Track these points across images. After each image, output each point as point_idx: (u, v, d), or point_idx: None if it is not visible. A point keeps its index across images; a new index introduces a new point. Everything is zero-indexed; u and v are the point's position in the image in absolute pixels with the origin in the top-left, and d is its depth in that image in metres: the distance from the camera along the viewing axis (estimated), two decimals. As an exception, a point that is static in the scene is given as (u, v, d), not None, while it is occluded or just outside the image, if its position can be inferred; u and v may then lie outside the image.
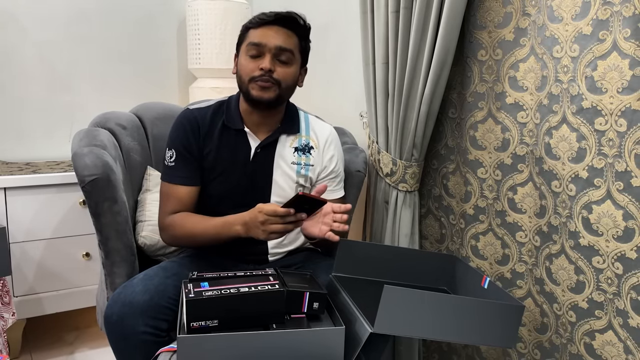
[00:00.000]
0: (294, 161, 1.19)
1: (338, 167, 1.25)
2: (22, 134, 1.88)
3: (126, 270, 1.22)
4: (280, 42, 1.10)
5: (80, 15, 1.92)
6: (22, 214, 1.57)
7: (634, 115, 0.92)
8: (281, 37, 1.10)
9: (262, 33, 1.10)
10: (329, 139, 1.24)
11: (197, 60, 1.95)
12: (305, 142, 1.21)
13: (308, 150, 1.21)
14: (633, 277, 0.95)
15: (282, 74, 1.11)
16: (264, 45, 1.09)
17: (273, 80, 1.10)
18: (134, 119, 1.48)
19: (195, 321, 0.87)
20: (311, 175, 1.21)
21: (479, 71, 1.20)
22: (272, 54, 1.10)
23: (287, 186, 1.19)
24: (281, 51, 1.10)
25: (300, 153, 1.20)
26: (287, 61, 1.12)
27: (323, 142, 1.23)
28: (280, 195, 1.19)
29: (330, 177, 1.24)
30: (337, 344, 0.91)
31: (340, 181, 1.27)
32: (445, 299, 0.99)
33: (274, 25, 1.10)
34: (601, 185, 0.98)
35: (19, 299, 1.59)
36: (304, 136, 1.22)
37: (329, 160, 1.23)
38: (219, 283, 0.94)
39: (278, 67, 1.11)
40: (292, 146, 1.20)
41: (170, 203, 1.16)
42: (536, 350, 1.17)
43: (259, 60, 1.10)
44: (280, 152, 1.19)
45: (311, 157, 1.21)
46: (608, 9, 0.94)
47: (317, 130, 1.24)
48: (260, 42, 1.09)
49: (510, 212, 1.18)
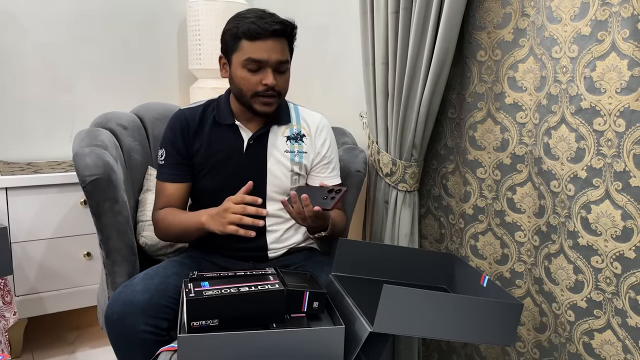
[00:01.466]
0: (287, 149, 1.21)
1: (330, 152, 1.27)
2: (24, 134, 1.88)
3: (127, 269, 1.22)
4: (280, 55, 1.11)
5: (82, 16, 1.92)
6: (24, 214, 1.58)
7: (632, 115, 0.92)
8: (279, 49, 1.11)
9: (260, 47, 1.09)
10: (320, 126, 1.26)
11: (197, 60, 1.95)
12: (297, 131, 1.24)
13: (300, 138, 1.23)
14: (632, 277, 0.95)
15: (282, 84, 1.14)
16: (266, 62, 1.10)
17: (276, 93, 1.13)
18: (134, 119, 1.49)
19: (195, 321, 0.88)
20: (305, 163, 1.23)
21: (478, 71, 1.21)
22: (273, 68, 1.11)
23: (282, 174, 1.20)
24: (280, 63, 1.12)
25: (292, 141, 1.22)
26: (284, 70, 1.14)
27: (314, 129, 1.25)
28: (276, 184, 1.20)
29: (323, 164, 1.26)
30: (337, 343, 0.91)
31: (335, 168, 1.28)
32: (445, 297, 1.00)
33: (270, 39, 1.10)
34: (600, 185, 0.98)
35: (21, 298, 1.60)
36: (295, 125, 1.24)
37: (321, 146, 1.25)
38: (219, 282, 0.95)
39: (278, 78, 1.13)
40: (284, 135, 1.22)
41: (160, 200, 1.20)
42: (535, 350, 1.17)
43: (259, 74, 1.11)
44: (272, 142, 1.21)
45: (304, 145, 1.23)
46: (607, 9, 0.94)
47: (308, 118, 1.26)
48: (261, 58, 1.09)
49: (510, 212, 1.19)
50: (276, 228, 1.22)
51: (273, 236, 1.22)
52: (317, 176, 1.26)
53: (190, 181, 1.20)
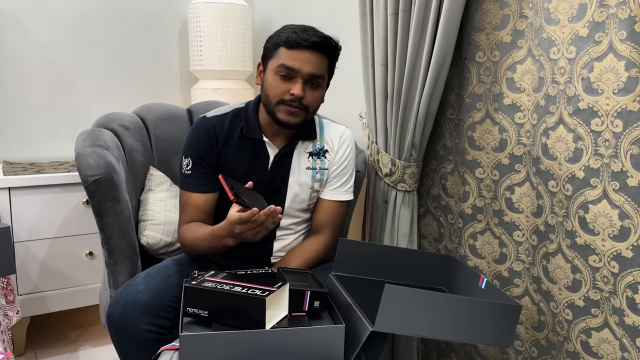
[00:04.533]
0: (308, 166, 1.20)
1: (345, 166, 1.23)
2: (26, 134, 1.90)
3: (129, 269, 1.23)
4: (314, 69, 1.09)
5: (84, 18, 1.93)
6: (26, 214, 1.59)
7: (629, 116, 0.93)
8: (314, 63, 1.09)
9: (295, 56, 1.08)
10: (342, 139, 1.24)
11: (198, 61, 1.96)
12: (320, 147, 1.22)
13: (323, 154, 1.22)
14: (629, 276, 0.96)
15: (311, 99, 1.11)
16: (298, 71, 1.08)
17: (302, 106, 1.10)
18: (136, 119, 1.49)
19: (190, 307, 0.92)
20: (325, 178, 1.22)
21: (476, 73, 1.22)
22: (304, 80, 1.09)
23: (302, 191, 1.20)
24: (313, 77, 1.10)
25: (315, 157, 1.21)
26: (317, 86, 1.12)
27: (337, 144, 1.23)
28: (295, 200, 1.20)
29: (334, 174, 1.23)
30: (338, 341, 0.91)
31: (344, 184, 1.24)
32: (445, 298, 1.00)
33: (307, 51, 1.08)
34: (597, 185, 0.99)
35: (23, 297, 1.61)
36: (318, 141, 1.22)
37: (339, 159, 1.23)
38: (226, 277, 0.98)
39: (308, 92, 1.10)
40: (307, 151, 1.21)
41: (187, 212, 1.16)
42: (533, 348, 1.18)
43: (289, 83, 1.09)
44: (297, 158, 1.20)
45: (326, 161, 1.22)
46: (604, 11, 0.95)
47: (332, 133, 1.24)
48: (294, 67, 1.08)
49: (508, 212, 1.19)
50: (285, 238, 1.23)
51: (280, 244, 1.23)
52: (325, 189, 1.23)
53: (218, 191, 1.17)
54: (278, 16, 2.07)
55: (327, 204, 1.23)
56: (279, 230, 1.22)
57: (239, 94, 1.98)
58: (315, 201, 1.24)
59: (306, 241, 1.23)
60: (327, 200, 1.23)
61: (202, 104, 1.64)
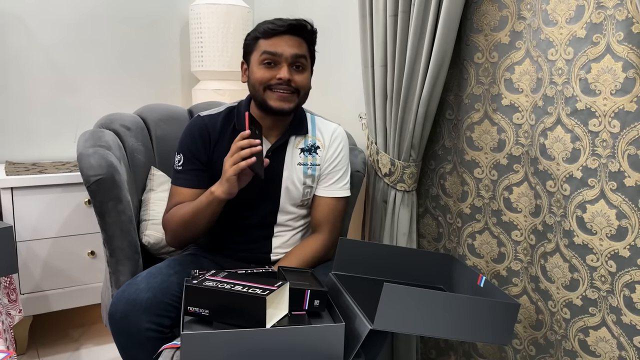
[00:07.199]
0: (300, 162, 1.21)
1: (339, 163, 1.24)
2: (29, 134, 1.91)
3: (130, 268, 1.24)
4: (296, 49, 1.11)
5: (86, 19, 1.94)
6: (29, 213, 1.60)
7: (627, 116, 0.94)
8: (295, 44, 1.12)
9: (275, 42, 1.11)
10: (334, 135, 1.25)
11: (199, 62, 1.97)
12: (312, 143, 1.23)
13: (314, 150, 1.23)
14: (626, 275, 0.97)
15: (299, 81, 1.13)
16: (280, 55, 1.10)
17: (292, 88, 1.12)
18: (138, 120, 1.50)
19: (191, 306, 0.92)
20: (317, 174, 1.23)
21: (475, 73, 1.22)
22: (288, 63, 1.11)
23: (295, 188, 1.21)
24: (297, 58, 1.12)
25: (306, 154, 1.22)
26: (302, 67, 1.14)
27: (329, 140, 1.24)
28: (289, 196, 1.21)
29: (328, 170, 1.24)
30: (337, 340, 0.92)
31: (340, 180, 1.25)
32: (444, 297, 1.01)
33: (285, 35, 1.11)
34: (595, 185, 1.00)
35: (26, 296, 1.62)
36: (310, 137, 1.23)
37: (332, 155, 1.24)
38: (226, 276, 0.98)
39: (295, 75, 1.12)
40: (298, 147, 1.22)
41: (171, 202, 1.19)
42: (531, 347, 1.19)
43: (275, 70, 1.11)
44: (289, 154, 1.21)
45: (317, 157, 1.23)
46: (602, 12, 0.96)
47: (323, 129, 1.25)
48: (276, 51, 1.10)
49: (506, 212, 1.20)
50: (283, 234, 1.24)
51: (279, 241, 1.23)
52: (320, 186, 1.24)
53: (207, 188, 1.16)
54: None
55: (323, 200, 1.24)
56: (276, 227, 1.23)
57: (240, 95, 1.97)
58: (309, 197, 1.25)
59: (305, 241, 1.24)
60: (323, 197, 1.24)
61: (203, 104, 1.65)
